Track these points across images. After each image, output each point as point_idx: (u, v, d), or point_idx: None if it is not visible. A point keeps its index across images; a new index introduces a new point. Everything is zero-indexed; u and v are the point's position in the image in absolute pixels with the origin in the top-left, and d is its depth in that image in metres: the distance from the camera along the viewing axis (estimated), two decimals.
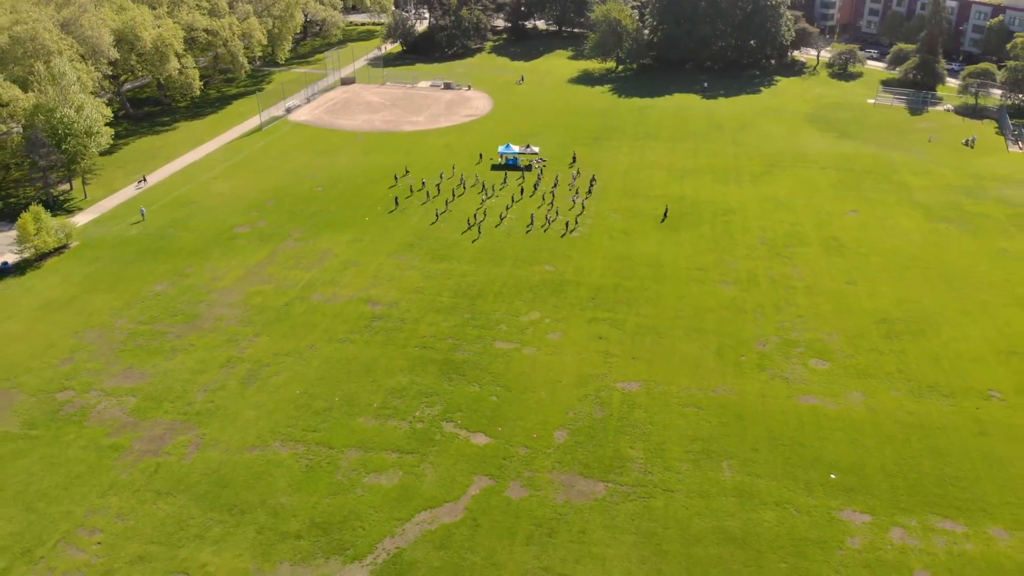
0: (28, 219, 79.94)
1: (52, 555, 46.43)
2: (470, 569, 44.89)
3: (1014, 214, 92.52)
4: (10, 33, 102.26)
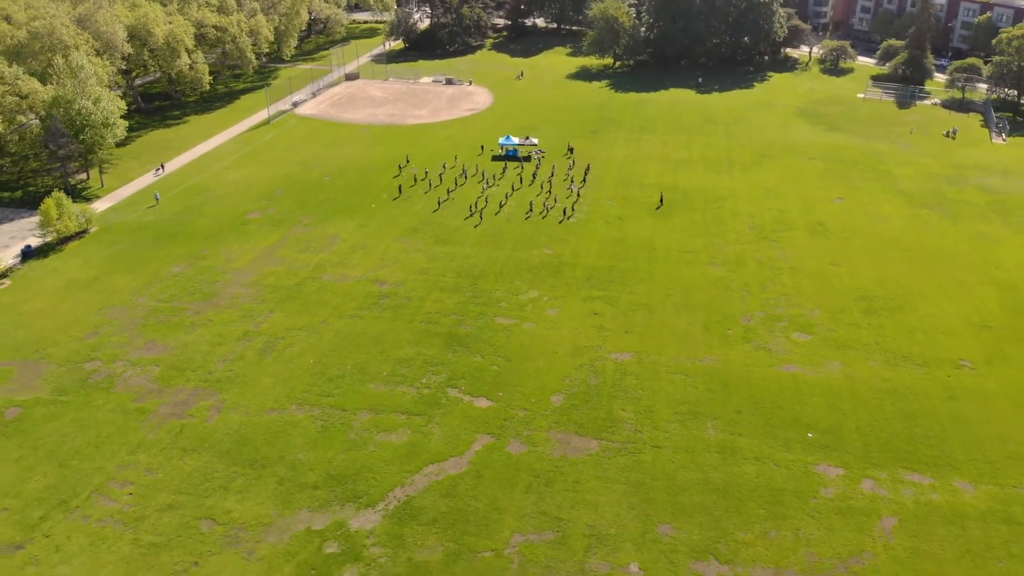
0: (51, 204, 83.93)
1: (86, 504, 50.39)
2: (474, 514, 48.88)
3: (993, 201, 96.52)
4: (28, 28, 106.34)
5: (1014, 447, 55.20)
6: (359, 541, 47.03)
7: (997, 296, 74.83)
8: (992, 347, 66.81)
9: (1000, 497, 50.83)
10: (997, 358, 65.33)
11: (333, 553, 46.31)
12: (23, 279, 78.68)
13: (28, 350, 66.57)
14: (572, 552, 46.42)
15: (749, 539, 47.24)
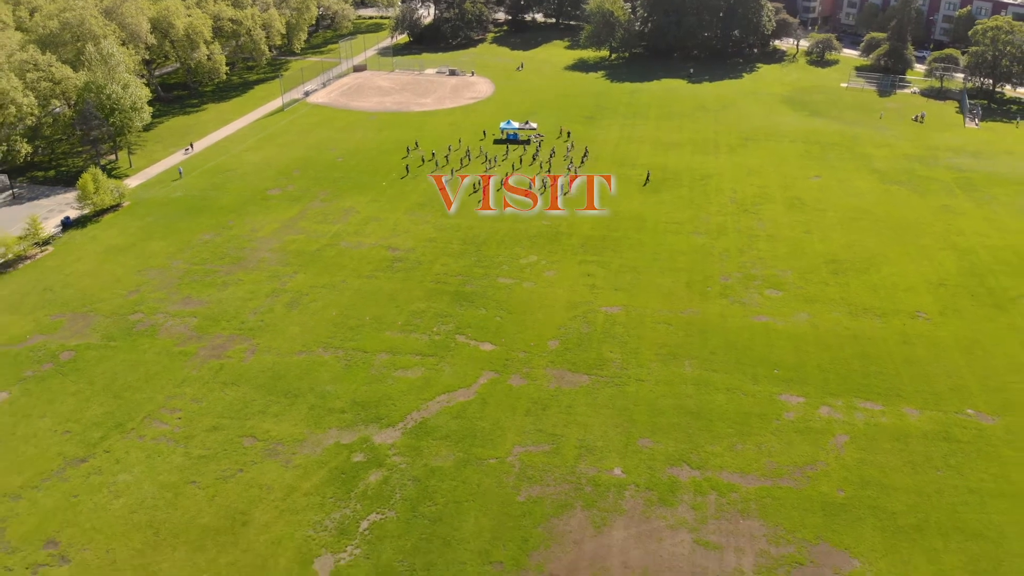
0: (88, 179, 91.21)
1: (141, 427, 57.70)
2: (480, 431, 56.23)
3: (960, 178, 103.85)
4: (60, 19, 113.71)
5: (958, 381, 62.53)
6: (382, 452, 54.40)
7: (955, 259, 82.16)
8: (946, 301, 74.15)
9: (942, 421, 58.13)
10: (950, 310, 72.66)
11: (360, 461, 53.66)
12: (65, 246, 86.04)
13: (76, 305, 73.92)
14: (565, 460, 53.77)
15: (718, 451, 54.58)
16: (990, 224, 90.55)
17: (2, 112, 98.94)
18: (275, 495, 50.90)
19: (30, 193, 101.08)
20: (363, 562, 45.96)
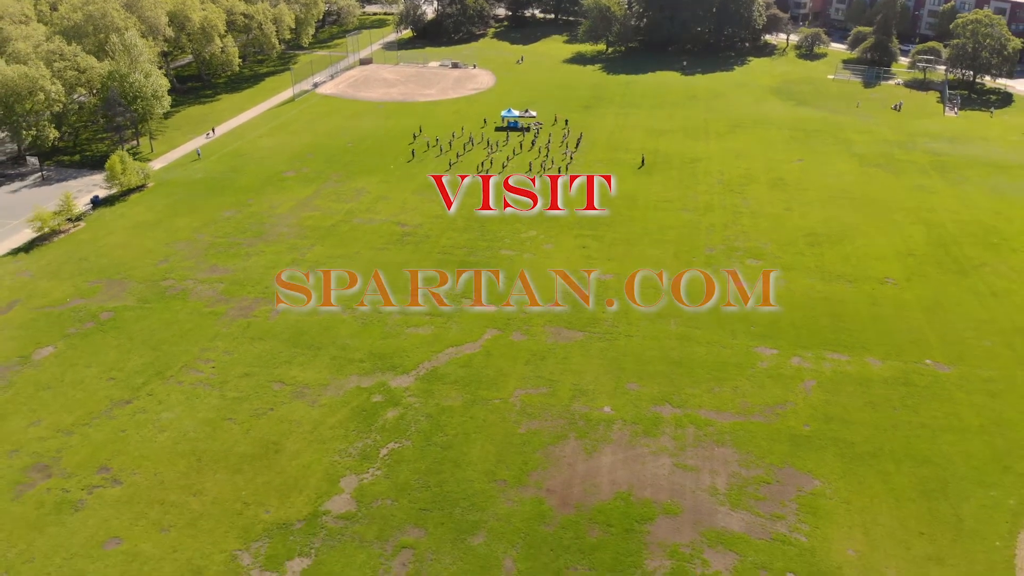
0: (116, 160, 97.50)
1: (178, 375, 63.97)
2: (485, 377, 62.55)
3: (935, 161, 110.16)
4: (83, 11, 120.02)
5: (919, 336, 68.82)
6: (398, 394, 60.71)
7: (925, 232, 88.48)
8: (913, 269, 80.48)
9: (902, 368, 64.42)
10: (917, 276, 78.98)
11: (378, 401, 59.97)
12: (95, 221, 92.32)
13: (111, 272, 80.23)
14: (560, 400, 60.09)
15: (697, 393, 60.90)
16: (960, 201, 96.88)
17: (31, 99, 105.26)
18: (303, 429, 57.21)
19: (58, 175, 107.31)
20: (383, 481, 52.28)
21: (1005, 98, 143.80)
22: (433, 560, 46.59)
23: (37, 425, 58.54)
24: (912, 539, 48.21)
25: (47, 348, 67.92)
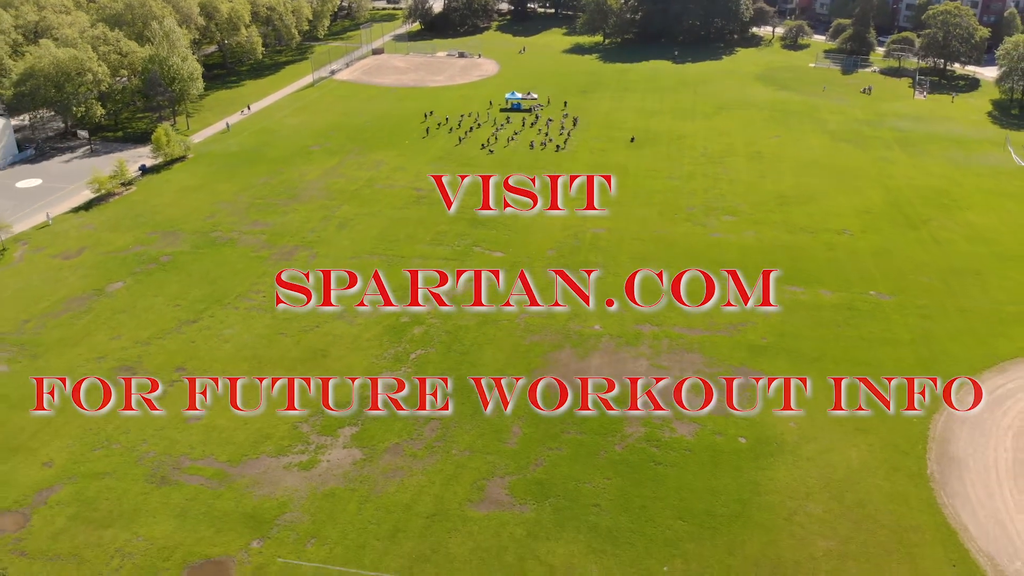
0: (161, 133, 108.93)
1: (234, 302, 75.31)
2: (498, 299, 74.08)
3: (900, 137, 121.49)
4: (124, 1, 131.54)
5: (867, 274, 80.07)
6: (422, 316, 72.15)
7: (882, 195, 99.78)
8: (868, 223, 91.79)
9: (849, 298, 75.67)
10: (871, 229, 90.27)
11: (406, 322, 71.36)
12: (145, 186, 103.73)
13: (165, 225, 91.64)
14: (558, 321, 71.47)
15: (673, 317, 72.20)
16: (917, 170, 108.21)
17: (81, 79, 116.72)
18: (345, 340, 68.60)
19: (104, 148, 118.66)
20: (414, 376, 63.66)
21: (972, 83, 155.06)
22: (456, 427, 57.99)
23: (118, 339, 69.93)
24: (844, 418, 59.52)
25: (118, 283, 79.34)
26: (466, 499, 52.16)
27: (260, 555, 48.20)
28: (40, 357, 67.61)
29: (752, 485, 53.40)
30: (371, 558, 47.91)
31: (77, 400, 61.94)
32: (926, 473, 54.57)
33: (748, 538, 49.33)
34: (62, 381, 64.19)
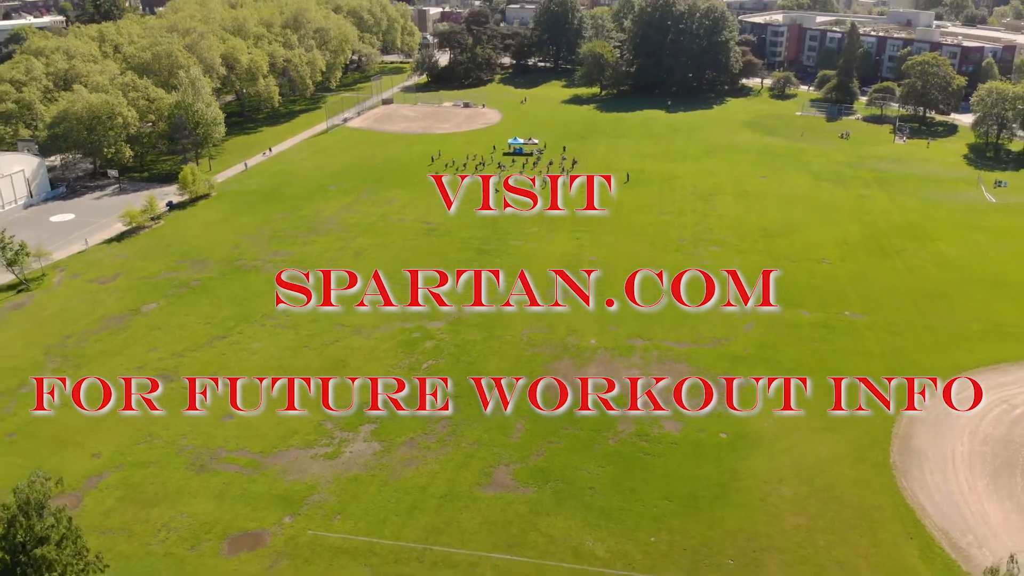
0: (188, 172, 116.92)
1: (260, 320, 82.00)
2: (499, 322, 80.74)
3: (879, 177, 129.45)
4: (152, 51, 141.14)
5: (843, 296, 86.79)
6: (432, 332, 78.79)
7: (860, 228, 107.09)
8: (846, 252, 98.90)
9: (825, 317, 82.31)
10: (848, 258, 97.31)
11: (418, 337, 77.97)
12: (172, 220, 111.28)
13: (193, 255, 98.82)
14: (557, 335, 78.08)
15: (663, 332, 78.81)
16: (894, 206, 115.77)
17: (111, 122, 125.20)
18: (363, 352, 75.16)
19: (132, 187, 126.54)
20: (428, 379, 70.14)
21: (951, 129, 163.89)
22: (465, 425, 64.23)
23: (155, 351, 76.52)
24: (814, 417, 65.73)
25: (152, 304, 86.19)
26: (475, 483, 58.16)
27: (292, 528, 54.10)
28: (83, 367, 74.08)
29: (731, 472, 59.43)
30: (391, 530, 53.77)
31: (77, 400, 68.59)
32: (889, 463, 60.63)
33: (726, 515, 55.21)
34: (62, 381, 71.06)
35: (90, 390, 69.95)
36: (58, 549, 41.86)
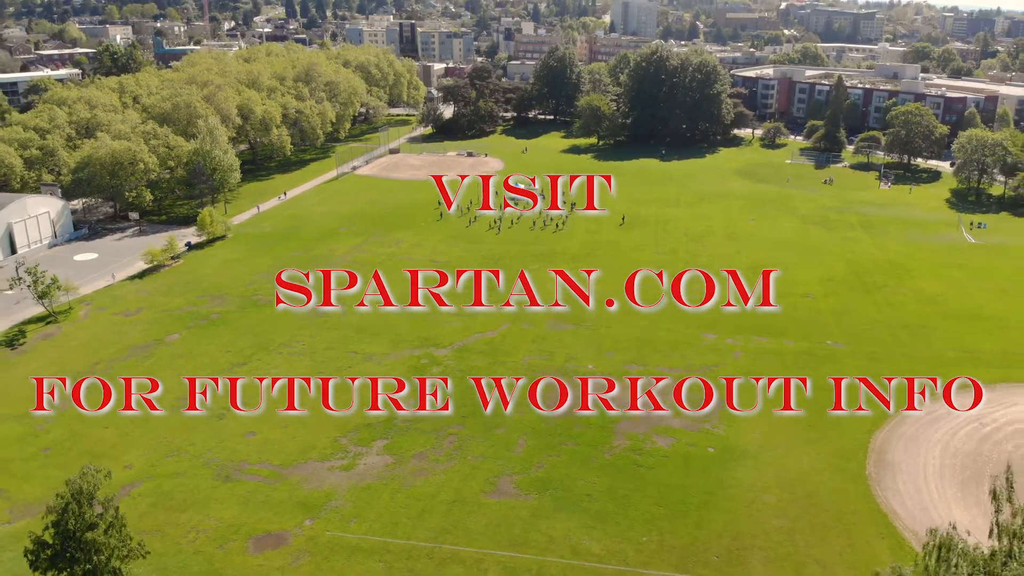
0: (206, 215, 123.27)
1: (278, 348, 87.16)
2: (502, 349, 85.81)
3: (864, 220, 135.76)
4: (172, 102, 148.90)
5: (826, 328, 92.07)
6: (439, 359, 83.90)
7: (844, 267, 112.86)
8: (830, 289, 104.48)
9: (808, 346, 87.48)
10: (831, 294, 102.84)
11: (425, 363, 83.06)
12: (191, 259, 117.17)
13: (212, 291, 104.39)
14: (556, 362, 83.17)
15: (657, 358, 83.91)
16: (877, 247, 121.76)
17: (133, 168, 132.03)
18: (375, 375, 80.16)
19: (151, 229, 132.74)
20: (435, 403, 75.04)
21: (934, 175, 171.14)
22: (471, 440, 69.03)
23: (179, 377, 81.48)
24: (798, 431, 70.57)
25: (175, 335, 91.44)
26: (480, 490, 62.76)
27: (312, 530, 58.59)
28: (112, 391, 78.98)
29: (718, 481, 64.06)
30: (403, 531, 58.26)
31: (77, 400, 74.22)
32: (865, 474, 65.27)
33: (713, 518, 59.72)
34: (62, 381, 76.92)
35: (90, 390, 75.29)
36: (106, 535, 46.43)
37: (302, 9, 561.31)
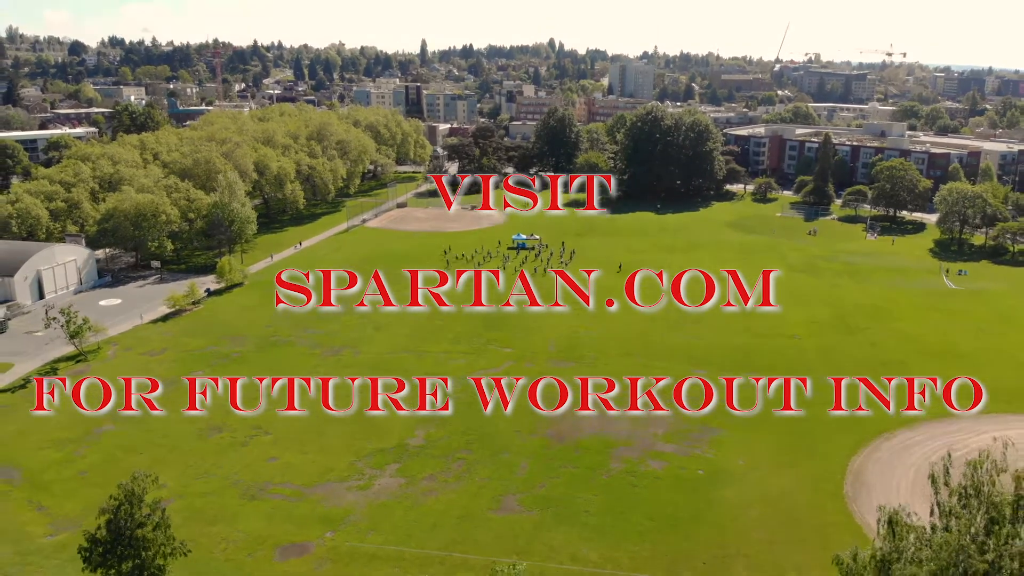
0: (225, 263, 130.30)
1: (299, 378, 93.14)
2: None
3: (850, 268, 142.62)
4: (192, 158, 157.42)
5: (810, 365, 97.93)
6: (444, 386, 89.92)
7: (829, 310, 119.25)
8: (815, 330, 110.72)
9: (793, 381, 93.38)
10: (816, 334, 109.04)
11: (438, 382, 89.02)
12: (211, 304, 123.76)
13: (232, 332, 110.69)
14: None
15: (649, 383, 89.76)
16: (862, 292, 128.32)
17: (156, 219, 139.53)
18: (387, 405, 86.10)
19: (171, 277, 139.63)
20: (442, 430, 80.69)
21: (919, 226, 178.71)
22: (478, 464, 74.56)
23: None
24: (781, 455, 76.07)
25: (198, 371, 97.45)
26: (487, 507, 68.14)
27: (333, 541, 63.88)
28: (142, 421, 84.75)
29: (706, 500, 69.42)
30: (416, 542, 63.53)
31: (77, 400, 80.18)
32: (842, 492, 70.65)
33: (701, 531, 64.98)
34: (62, 381, 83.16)
35: (90, 390, 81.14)
36: (153, 532, 51.93)
37: (310, 72, 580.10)
